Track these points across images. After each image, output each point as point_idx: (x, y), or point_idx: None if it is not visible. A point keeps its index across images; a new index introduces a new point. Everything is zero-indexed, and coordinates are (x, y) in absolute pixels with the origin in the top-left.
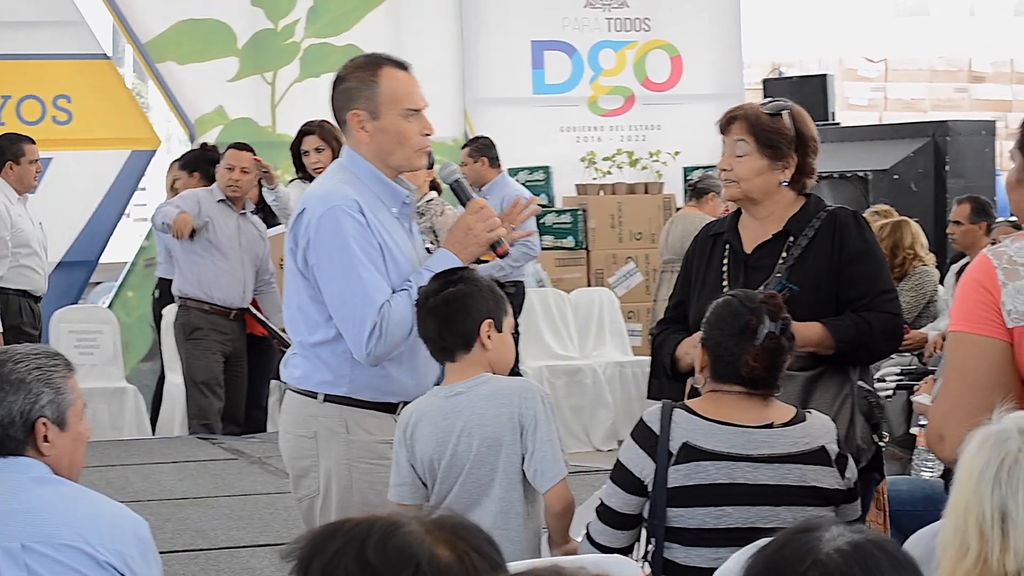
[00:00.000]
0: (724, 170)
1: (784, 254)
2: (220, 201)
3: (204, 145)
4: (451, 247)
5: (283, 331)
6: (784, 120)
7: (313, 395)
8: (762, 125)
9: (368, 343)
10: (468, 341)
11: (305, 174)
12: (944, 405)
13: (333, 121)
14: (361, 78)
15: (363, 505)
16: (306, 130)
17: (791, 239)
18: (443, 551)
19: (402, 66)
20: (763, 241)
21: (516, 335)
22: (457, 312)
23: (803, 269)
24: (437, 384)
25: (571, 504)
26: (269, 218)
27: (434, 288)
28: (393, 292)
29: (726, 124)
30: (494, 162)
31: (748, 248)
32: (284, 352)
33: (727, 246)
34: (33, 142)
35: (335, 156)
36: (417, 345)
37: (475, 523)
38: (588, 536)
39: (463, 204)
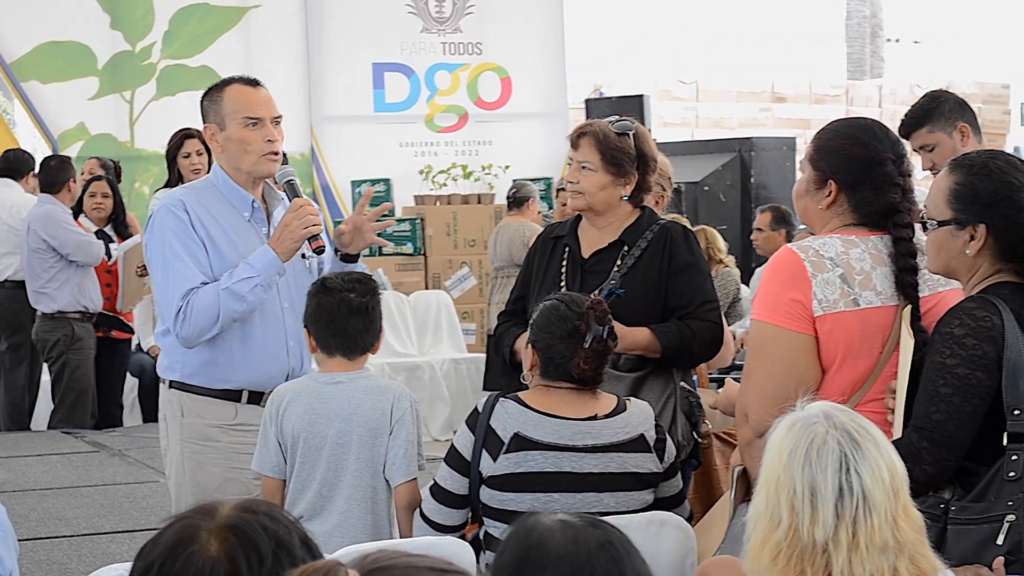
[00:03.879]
0: (571, 182)
1: (619, 262)
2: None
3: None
4: (271, 243)
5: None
6: (629, 140)
7: (164, 381)
8: (609, 144)
9: (175, 325)
10: (373, 346)
11: (178, 181)
12: (747, 387)
13: None
14: (211, 96)
15: (195, 486)
16: (188, 134)
17: (626, 248)
18: (221, 557)
19: (252, 83)
20: (600, 248)
21: None
22: (374, 320)
23: (634, 277)
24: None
25: (416, 502)
26: (120, 228)
27: (357, 290)
28: (209, 283)
29: (576, 139)
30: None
31: (586, 253)
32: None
33: (567, 249)
34: None
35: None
36: (251, 335)
37: (276, 519)
38: (422, 513)
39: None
